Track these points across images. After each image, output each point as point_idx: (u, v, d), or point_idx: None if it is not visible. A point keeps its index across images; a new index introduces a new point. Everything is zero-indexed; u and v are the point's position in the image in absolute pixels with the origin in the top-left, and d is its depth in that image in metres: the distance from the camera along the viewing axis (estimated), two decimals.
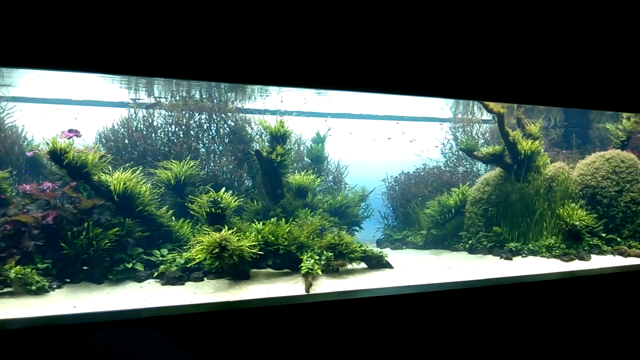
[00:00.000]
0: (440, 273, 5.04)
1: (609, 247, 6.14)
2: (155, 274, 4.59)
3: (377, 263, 5.20)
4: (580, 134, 8.79)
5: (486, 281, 3.84)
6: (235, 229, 4.71)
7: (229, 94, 7.06)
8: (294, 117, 7.31)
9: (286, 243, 4.90)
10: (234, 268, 4.48)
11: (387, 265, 5.21)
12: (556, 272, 4.29)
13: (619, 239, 6.25)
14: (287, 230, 5.07)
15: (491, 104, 6.14)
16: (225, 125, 6.96)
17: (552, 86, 3.50)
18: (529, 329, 3.73)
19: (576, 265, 5.54)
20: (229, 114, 7.03)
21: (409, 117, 9.11)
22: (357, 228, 7.07)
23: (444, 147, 8.52)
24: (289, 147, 6.72)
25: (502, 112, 6.27)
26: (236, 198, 5.26)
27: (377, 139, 8.84)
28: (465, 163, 8.35)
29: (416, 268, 5.37)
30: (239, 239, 4.47)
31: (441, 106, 8.43)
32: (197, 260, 4.47)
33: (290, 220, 5.51)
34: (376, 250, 5.34)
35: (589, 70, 3.54)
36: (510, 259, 5.93)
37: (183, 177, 5.83)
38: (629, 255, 5.91)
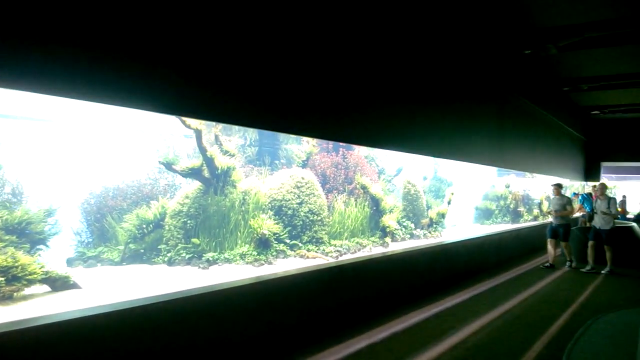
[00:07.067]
0: (134, 290, 4.88)
1: (293, 252, 7.05)
2: None
3: (62, 284, 4.71)
4: (271, 152, 9.85)
5: (180, 293, 3.87)
6: None
7: None
8: None
9: None
10: None
11: (75, 286, 4.76)
12: (247, 278, 4.64)
13: (300, 244, 7.24)
14: None
15: (188, 120, 6.30)
16: None
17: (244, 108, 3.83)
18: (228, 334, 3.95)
19: (265, 270, 6.15)
20: None
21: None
22: (42, 247, 6.21)
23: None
24: None
25: (200, 129, 6.52)
26: None
27: (75, 146, 8.00)
28: (167, 176, 8.29)
29: (108, 286, 5.06)
30: None
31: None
32: None
33: None
34: (62, 270, 4.82)
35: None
36: (207, 268, 6.18)
37: None
38: (307, 257, 6.90)
